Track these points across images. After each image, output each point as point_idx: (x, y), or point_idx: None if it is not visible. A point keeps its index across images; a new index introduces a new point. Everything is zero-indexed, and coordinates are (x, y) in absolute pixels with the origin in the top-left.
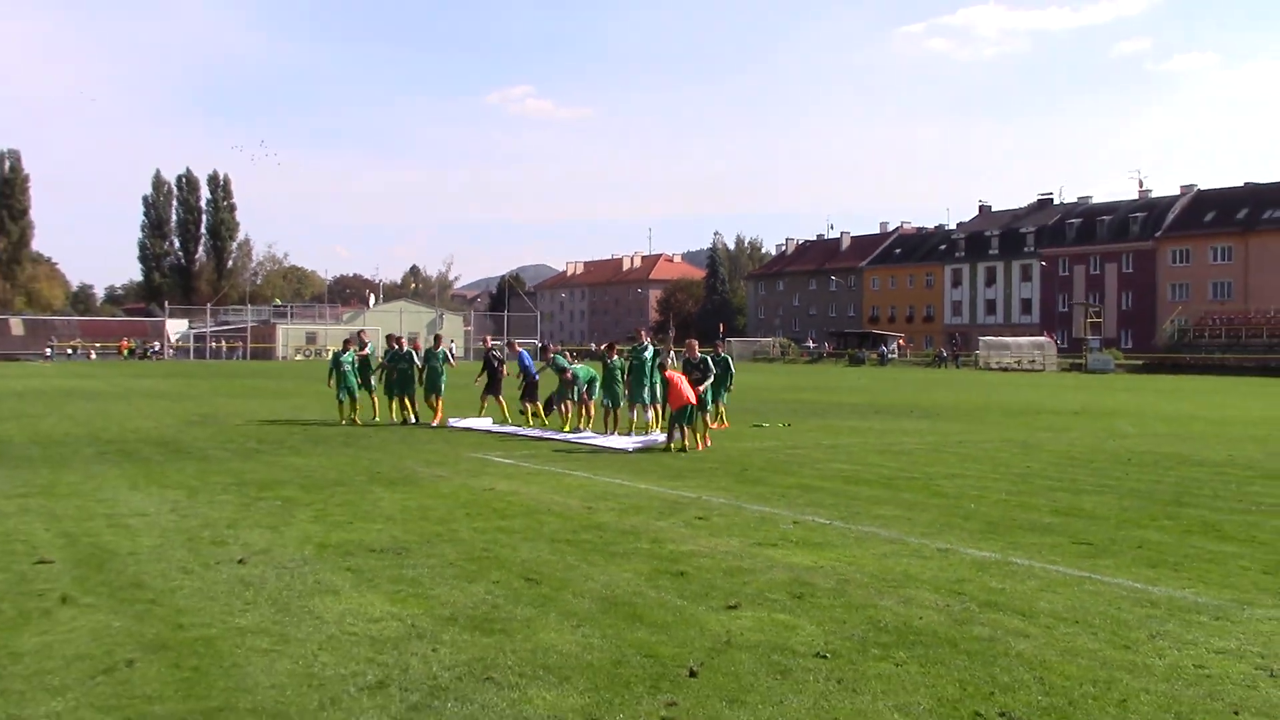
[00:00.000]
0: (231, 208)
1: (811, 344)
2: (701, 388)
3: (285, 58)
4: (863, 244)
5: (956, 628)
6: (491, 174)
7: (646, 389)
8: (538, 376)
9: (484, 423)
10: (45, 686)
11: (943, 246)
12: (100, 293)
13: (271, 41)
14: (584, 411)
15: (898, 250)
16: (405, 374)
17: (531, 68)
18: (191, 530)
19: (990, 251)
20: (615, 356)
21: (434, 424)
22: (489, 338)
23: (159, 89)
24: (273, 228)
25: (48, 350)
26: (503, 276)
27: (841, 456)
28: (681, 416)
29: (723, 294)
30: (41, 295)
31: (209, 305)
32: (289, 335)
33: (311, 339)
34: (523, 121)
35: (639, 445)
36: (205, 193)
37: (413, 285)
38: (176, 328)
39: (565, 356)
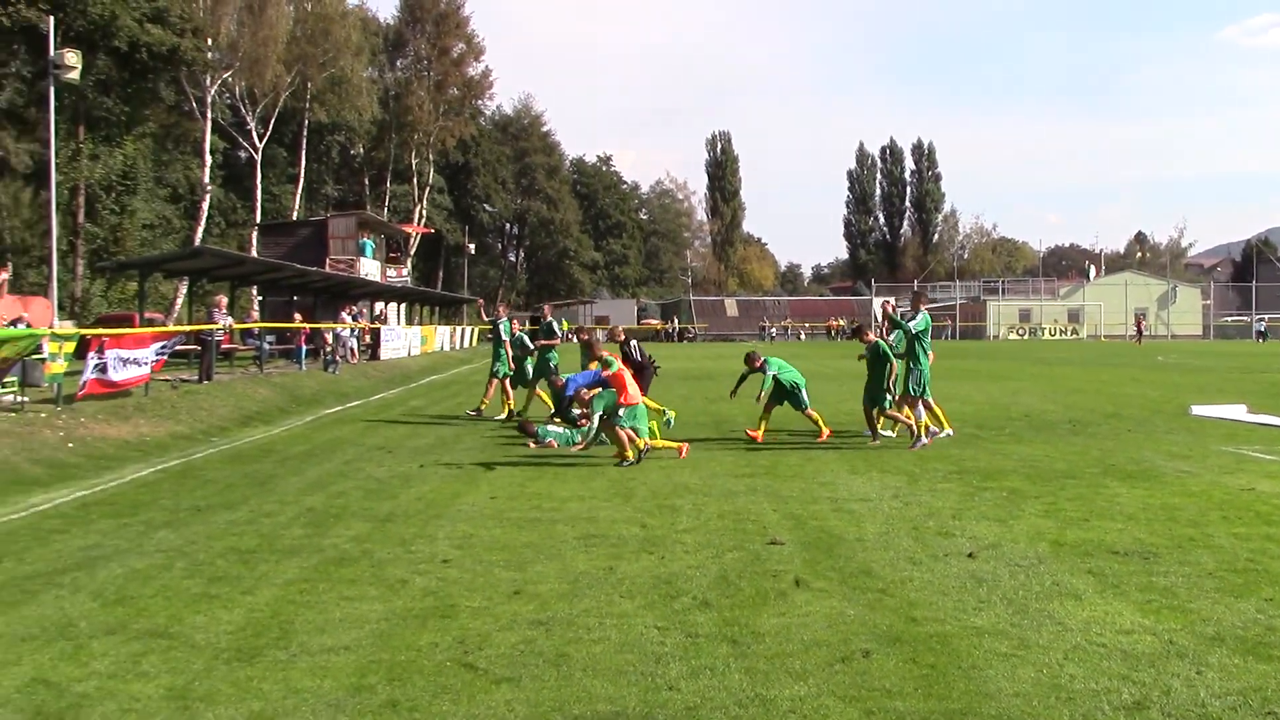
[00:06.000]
0: (936, 178)
1: None
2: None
3: (974, 6)
4: None
5: None
6: (1231, 121)
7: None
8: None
9: (1238, 410)
10: (787, 669)
11: None
12: (807, 272)
13: None
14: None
15: None
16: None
17: None
18: (915, 519)
19: None
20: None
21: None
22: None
23: (854, 57)
24: (978, 197)
25: (773, 330)
26: (1248, 241)
27: None
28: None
29: None
30: (752, 276)
31: (915, 282)
32: (1000, 312)
33: (1025, 316)
34: (1268, 55)
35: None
36: (909, 163)
37: (1139, 254)
38: None
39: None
